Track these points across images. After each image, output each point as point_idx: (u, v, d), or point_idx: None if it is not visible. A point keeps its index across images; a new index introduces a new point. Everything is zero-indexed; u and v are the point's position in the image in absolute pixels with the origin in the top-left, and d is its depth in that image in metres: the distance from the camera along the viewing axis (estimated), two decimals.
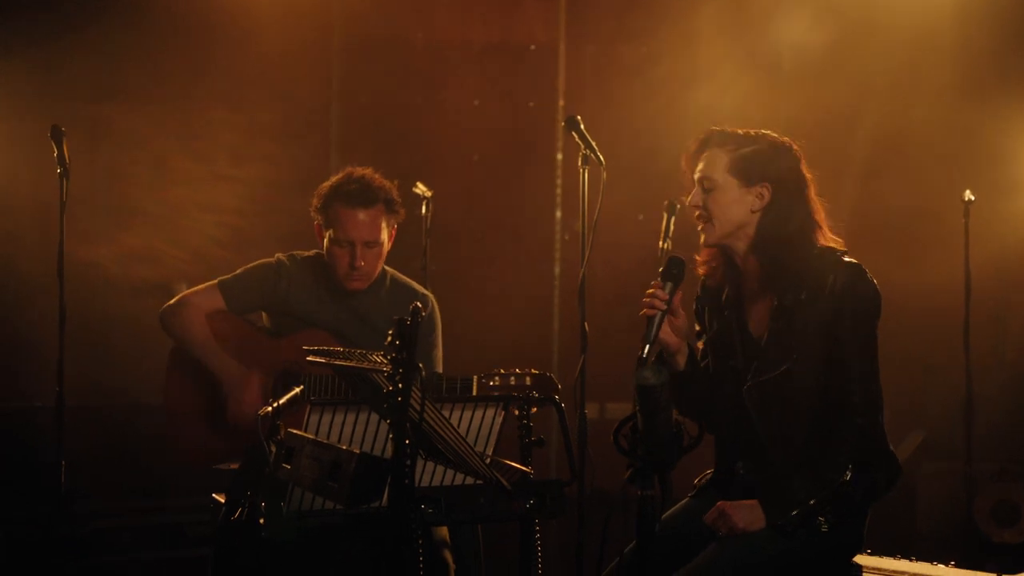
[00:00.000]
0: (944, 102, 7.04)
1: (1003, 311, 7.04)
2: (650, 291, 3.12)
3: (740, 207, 3.25)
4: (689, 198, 3.34)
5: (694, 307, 3.50)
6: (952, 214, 6.04)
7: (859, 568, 3.28)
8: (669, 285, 3.11)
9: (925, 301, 6.72)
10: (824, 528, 3.13)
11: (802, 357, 3.18)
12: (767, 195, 3.25)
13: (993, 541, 6.46)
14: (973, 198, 5.90)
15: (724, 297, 3.41)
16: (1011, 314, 7.11)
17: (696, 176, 3.33)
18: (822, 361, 3.18)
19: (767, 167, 3.25)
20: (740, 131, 3.32)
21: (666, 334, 3.20)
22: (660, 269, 3.16)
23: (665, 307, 3.11)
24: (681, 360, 3.31)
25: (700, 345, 3.48)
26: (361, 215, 4.13)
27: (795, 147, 3.33)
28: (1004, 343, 7.07)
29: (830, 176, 3.43)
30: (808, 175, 3.32)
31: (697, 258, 3.42)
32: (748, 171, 3.24)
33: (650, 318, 3.10)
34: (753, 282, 3.32)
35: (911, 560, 3.40)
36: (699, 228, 3.34)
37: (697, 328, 3.49)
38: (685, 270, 3.14)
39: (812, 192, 3.31)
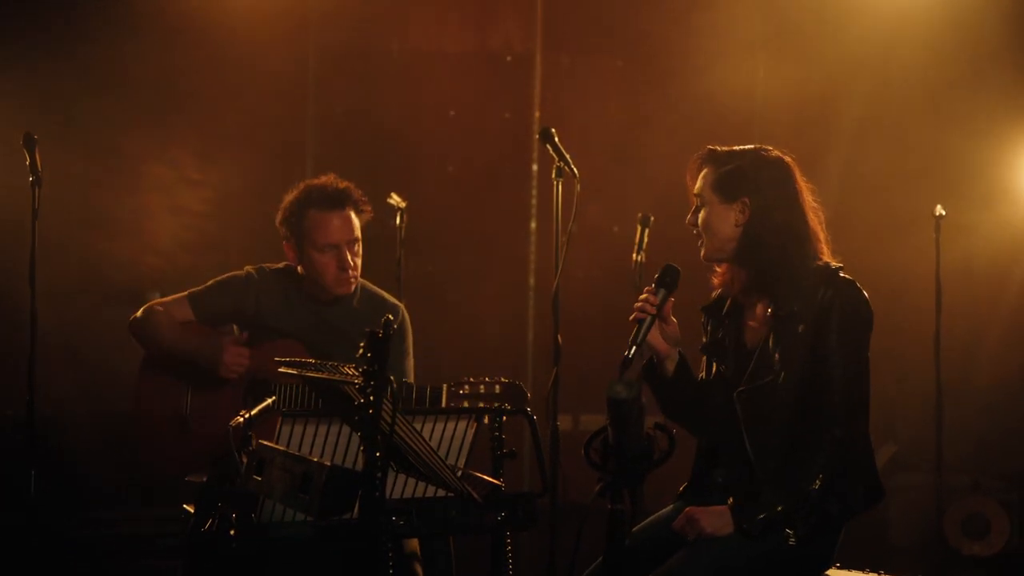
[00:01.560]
0: (914, 115, 7.09)
1: (975, 323, 7.08)
2: (643, 296, 3.21)
3: (724, 222, 3.32)
4: (688, 218, 3.42)
5: (701, 320, 3.55)
6: (923, 227, 6.07)
7: None
8: (662, 292, 3.21)
9: (896, 314, 6.76)
10: (791, 541, 3.15)
11: (790, 368, 3.22)
12: (747, 209, 3.30)
13: (963, 554, 6.50)
14: (944, 213, 5.94)
15: (727, 306, 3.46)
16: (983, 327, 7.16)
17: (694, 191, 3.42)
18: (808, 372, 3.21)
19: (745, 182, 3.30)
20: (729, 149, 3.39)
21: (656, 340, 3.30)
22: (656, 275, 3.24)
23: (655, 312, 3.18)
24: (670, 366, 3.38)
25: (704, 360, 3.53)
26: (337, 217, 4.16)
27: (787, 159, 3.38)
28: (976, 356, 7.11)
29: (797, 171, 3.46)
30: (801, 187, 3.36)
31: (717, 268, 3.46)
32: (728, 187, 3.31)
33: (640, 321, 3.19)
34: (746, 293, 3.37)
35: (881, 574, 3.41)
36: (699, 244, 3.41)
37: (704, 339, 3.53)
38: (679, 279, 3.21)
39: (806, 203, 3.35)
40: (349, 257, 4.15)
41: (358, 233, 4.21)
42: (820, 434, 3.16)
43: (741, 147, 3.39)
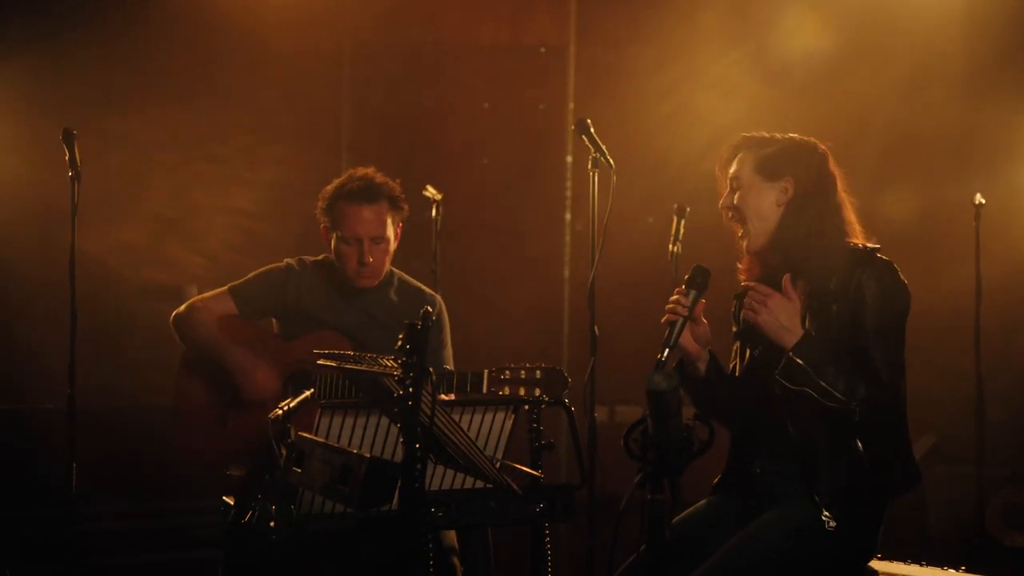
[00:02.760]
0: (953, 104, 7.03)
1: (1014, 314, 7.02)
2: (674, 298, 3.20)
3: (765, 201, 3.33)
4: (721, 202, 3.42)
5: (732, 309, 3.54)
6: (963, 217, 6.02)
7: (873, 573, 3.27)
8: (693, 293, 3.19)
9: (935, 305, 6.69)
10: (831, 524, 3.13)
11: (826, 347, 3.19)
12: (790, 189, 3.33)
13: (1005, 545, 6.44)
14: (984, 201, 5.89)
15: None
16: (1022, 317, 7.09)
17: (728, 177, 3.42)
18: (844, 351, 3.19)
19: (788, 163, 3.34)
20: (767, 134, 3.42)
21: (687, 341, 3.31)
22: (685, 276, 3.22)
23: (687, 313, 3.17)
24: (702, 367, 3.39)
25: (736, 347, 3.51)
26: (366, 211, 4.15)
27: (821, 147, 3.41)
28: (1015, 346, 7.05)
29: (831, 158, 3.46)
30: (836, 173, 3.38)
31: (739, 265, 3.45)
32: (771, 167, 3.34)
33: (671, 323, 3.18)
34: (782, 276, 3.34)
35: (922, 564, 3.39)
36: (739, 235, 3.40)
37: (733, 329, 3.52)
38: (710, 279, 3.19)
39: (840, 190, 3.38)
40: (368, 253, 4.15)
41: (386, 231, 4.18)
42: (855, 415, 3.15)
43: (773, 134, 3.42)
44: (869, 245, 3.31)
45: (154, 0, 6.77)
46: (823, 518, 3.15)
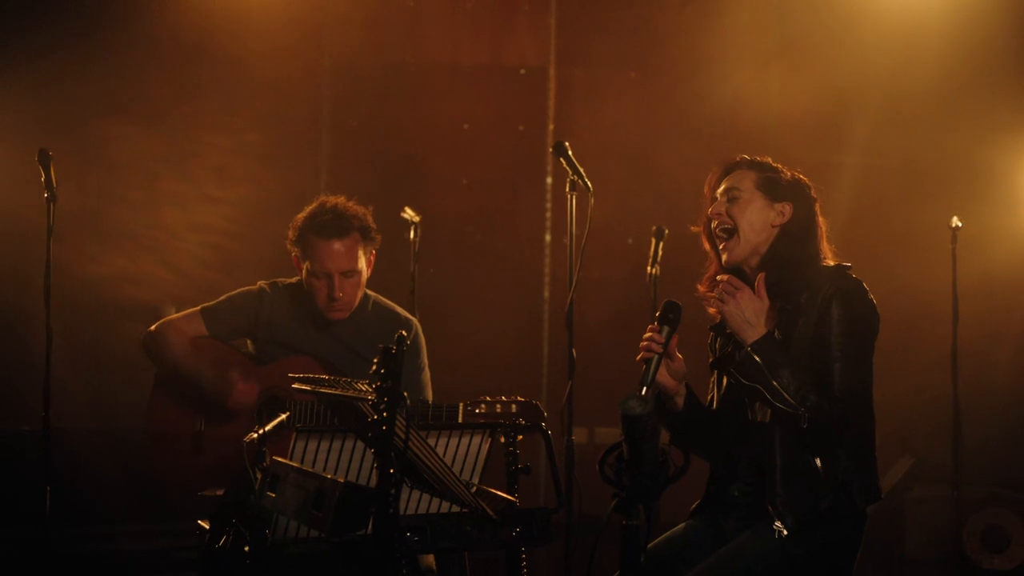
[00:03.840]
0: (928, 126, 7.07)
1: (991, 336, 7.04)
2: (647, 335, 3.18)
3: (762, 217, 3.38)
4: (711, 209, 3.44)
5: (708, 340, 3.55)
6: (940, 239, 6.05)
7: None
8: (666, 329, 3.17)
9: (913, 326, 6.73)
10: (783, 534, 3.15)
11: (798, 359, 3.21)
12: (788, 212, 3.39)
13: (983, 567, 6.45)
14: (960, 224, 5.92)
15: None
16: (999, 338, 7.12)
17: (721, 190, 3.45)
18: (810, 363, 3.23)
19: (790, 190, 3.42)
20: (770, 160, 3.49)
21: (663, 377, 3.30)
22: (656, 313, 3.22)
23: (661, 350, 3.16)
24: (680, 401, 3.39)
25: (713, 379, 3.52)
26: (336, 245, 4.12)
27: (814, 190, 3.49)
28: (993, 367, 7.07)
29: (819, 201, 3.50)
30: (821, 219, 3.45)
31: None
32: (774, 189, 3.41)
33: (647, 361, 3.14)
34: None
35: None
36: (721, 247, 3.42)
37: (710, 359, 3.54)
38: (681, 314, 3.19)
39: (822, 232, 3.45)
40: (339, 288, 4.12)
41: (358, 264, 4.15)
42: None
43: (774, 163, 3.49)
44: (841, 264, 3.37)
45: (131, 20, 6.74)
46: (774, 528, 3.17)
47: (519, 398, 3.96)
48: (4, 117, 6.37)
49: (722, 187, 3.45)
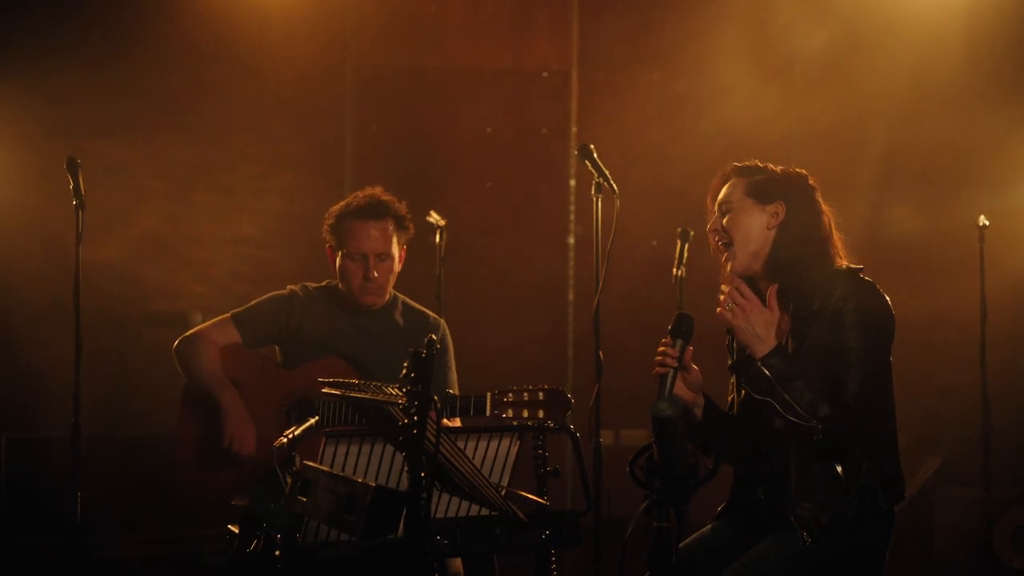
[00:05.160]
0: (955, 121, 7.03)
1: (1020, 335, 7.00)
2: (661, 349, 3.19)
3: (755, 223, 3.35)
4: (709, 225, 3.44)
5: (726, 341, 3.54)
6: (967, 238, 6.02)
7: None
8: (679, 342, 3.18)
9: (941, 325, 6.70)
10: (808, 543, 3.13)
11: (811, 368, 3.19)
12: (781, 213, 3.35)
13: (1013, 567, 6.41)
14: (988, 223, 5.89)
15: None
16: None
17: (716, 203, 3.44)
18: (825, 370, 3.20)
19: (780, 189, 3.37)
20: (760, 163, 3.45)
21: (680, 390, 3.29)
22: (669, 327, 3.21)
23: (676, 364, 3.16)
24: (699, 412, 3.38)
25: (732, 380, 3.51)
26: (372, 228, 4.20)
27: (812, 180, 3.44)
28: (1021, 367, 7.02)
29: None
30: (825, 207, 3.41)
31: (724, 288, 3.44)
32: (763, 191, 3.37)
33: (663, 376, 3.16)
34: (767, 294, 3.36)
35: None
36: (723, 259, 3.41)
37: (729, 362, 3.52)
38: (694, 326, 3.19)
39: (828, 220, 3.39)
40: (373, 268, 4.17)
41: (392, 248, 4.23)
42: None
43: (768, 164, 3.45)
44: (852, 266, 3.33)
45: (158, 29, 6.79)
46: (801, 537, 3.15)
47: (545, 386, 3.95)
48: (33, 125, 6.42)
49: (718, 200, 3.44)
